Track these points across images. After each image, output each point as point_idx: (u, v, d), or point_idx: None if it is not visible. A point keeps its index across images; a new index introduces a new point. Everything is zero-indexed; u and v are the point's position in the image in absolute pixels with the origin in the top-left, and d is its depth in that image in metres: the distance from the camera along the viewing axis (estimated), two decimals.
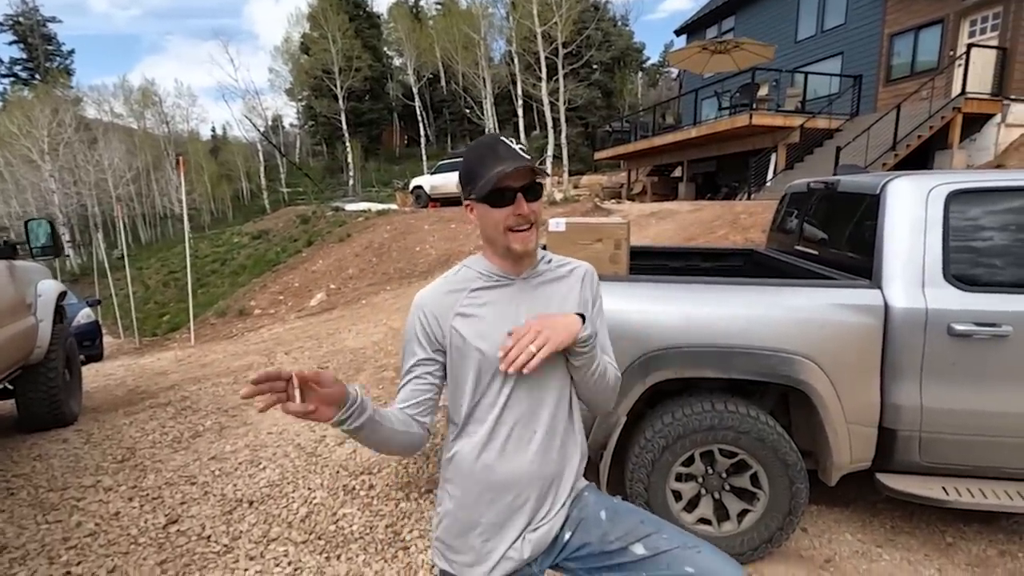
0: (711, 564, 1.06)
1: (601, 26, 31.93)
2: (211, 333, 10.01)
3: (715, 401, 2.09)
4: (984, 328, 1.96)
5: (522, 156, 1.08)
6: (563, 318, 1.07)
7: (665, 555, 1.08)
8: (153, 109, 45.13)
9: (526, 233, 1.10)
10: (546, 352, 1.01)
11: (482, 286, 1.16)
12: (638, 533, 1.12)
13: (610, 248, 2.55)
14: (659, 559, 1.08)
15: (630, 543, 1.11)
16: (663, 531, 1.13)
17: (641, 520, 1.15)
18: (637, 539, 1.11)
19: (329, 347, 5.95)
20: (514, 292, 1.16)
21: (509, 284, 1.17)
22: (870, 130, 10.31)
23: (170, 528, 2.46)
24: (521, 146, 1.11)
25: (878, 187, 2.19)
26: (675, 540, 1.10)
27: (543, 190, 1.14)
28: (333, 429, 3.53)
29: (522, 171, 1.08)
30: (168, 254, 23.25)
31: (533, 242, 1.12)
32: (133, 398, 4.68)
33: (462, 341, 1.12)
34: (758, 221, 8.13)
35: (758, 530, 2.11)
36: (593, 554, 1.14)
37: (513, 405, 1.12)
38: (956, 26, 11.82)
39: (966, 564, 2.17)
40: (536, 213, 1.11)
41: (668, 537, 1.11)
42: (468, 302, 1.15)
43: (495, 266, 1.18)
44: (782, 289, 2.12)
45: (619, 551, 1.11)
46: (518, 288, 1.17)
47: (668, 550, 1.09)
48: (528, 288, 1.17)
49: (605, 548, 1.13)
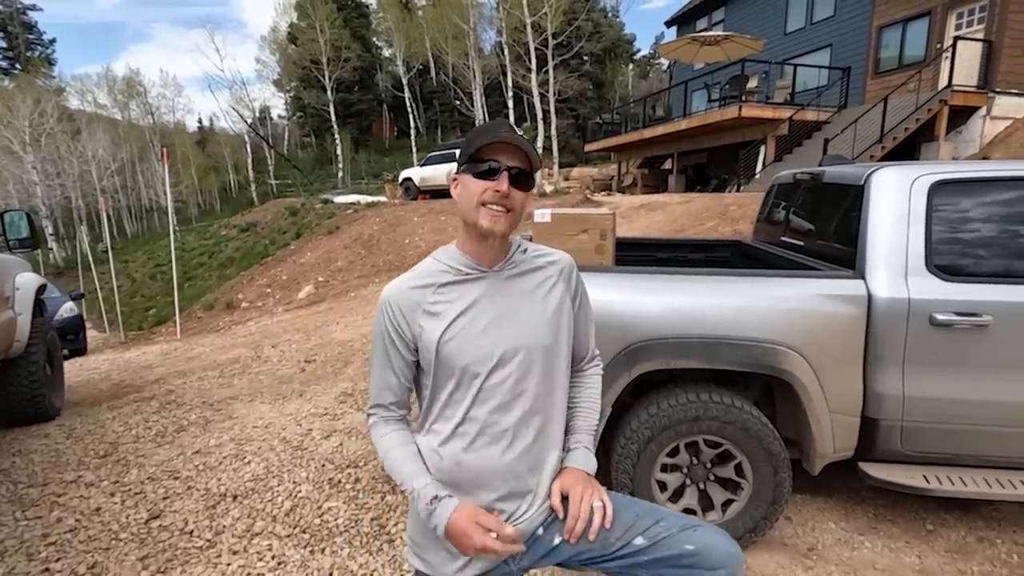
0: (709, 540, 1.08)
1: (591, 17, 31.74)
2: (198, 326, 9.91)
3: (700, 392, 2.09)
4: (965, 318, 1.97)
5: (521, 139, 1.06)
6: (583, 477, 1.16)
7: (665, 540, 1.09)
8: (138, 100, 44.40)
9: (499, 214, 1.06)
10: (606, 498, 1.14)
11: (451, 280, 1.12)
12: (637, 528, 1.12)
13: (595, 239, 2.54)
14: (659, 544, 1.09)
15: (631, 539, 1.11)
16: (662, 519, 1.13)
17: (638, 515, 1.14)
18: (638, 533, 1.11)
19: (317, 340, 5.91)
20: (486, 286, 1.12)
21: (481, 277, 1.13)
22: (858, 122, 10.38)
23: (152, 523, 2.43)
24: (525, 137, 1.09)
25: (862, 178, 2.19)
26: (674, 524, 1.11)
27: (533, 182, 1.10)
28: (319, 423, 3.50)
29: (513, 150, 1.05)
30: (154, 247, 22.94)
31: (503, 225, 1.06)
32: (117, 392, 4.62)
33: (430, 342, 1.09)
34: (747, 213, 8.16)
35: (743, 519, 2.12)
36: (594, 557, 1.14)
37: (485, 401, 1.10)
38: (943, 18, 11.89)
39: (945, 551, 2.20)
40: (518, 201, 1.07)
41: (667, 523, 1.11)
42: (436, 299, 1.11)
43: (466, 256, 1.13)
44: (767, 280, 2.12)
45: (620, 547, 1.12)
46: (490, 282, 1.13)
47: (668, 535, 1.09)
48: (500, 281, 1.13)
49: (607, 551, 1.12)
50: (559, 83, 23.35)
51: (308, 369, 4.82)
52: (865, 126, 10.40)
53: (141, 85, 44.49)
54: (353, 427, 3.39)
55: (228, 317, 10.04)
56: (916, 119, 10.40)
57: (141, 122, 44.40)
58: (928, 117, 10.47)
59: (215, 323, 9.74)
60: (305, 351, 5.46)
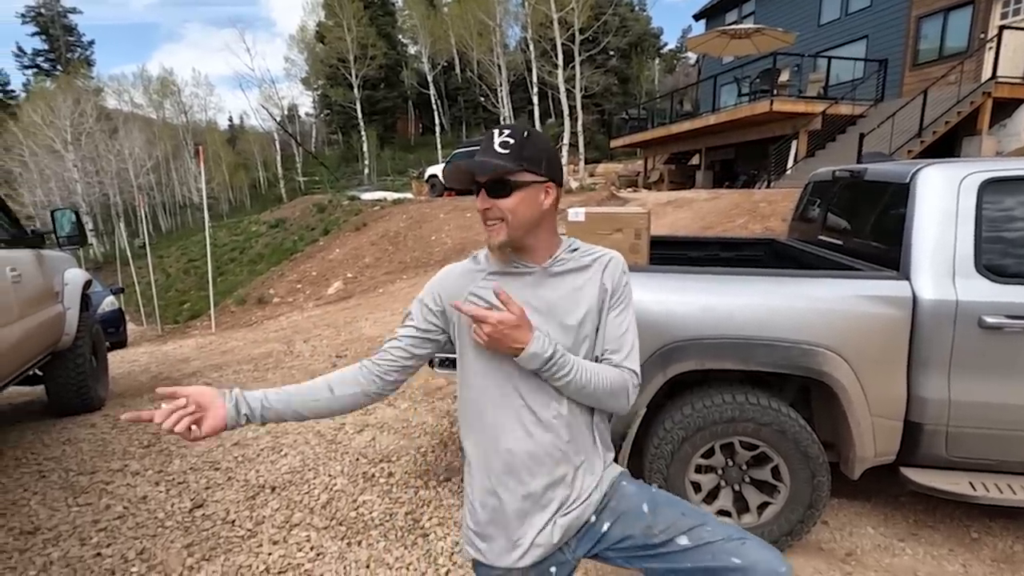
0: (757, 555, 1.06)
1: (618, 11, 31.39)
2: (231, 320, 10.17)
3: (735, 393, 2.07)
4: (1017, 321, 1.91)
5: (492, 151, 1.06)
6: (519, 331, 1.05)
7: (710, 546, 1.08)
8: (172, 99, 45.64)
9: (492, 227, 1.10)
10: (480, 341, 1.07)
11: (500, 270, 1.17)
12: (682, 526, 1.12)
13: (630, 238, 2.52)
14: (704, 549, 1.08)
15: (674, 535, 1.11)
16: (707, 523, 1.12)
17: (683, 512, 1.15)
18: (681, 532, 1.11)
19: (347, 335, 6.01)
20: (530, 281, 1.15)
21: (528, 273, 1.16)
22: (895, 116, 10.03)
23: (196, 512, 2.52)
24: (506, 140, 1.07)
25: (908, 176, 2.13)
26: (719, 532, 1.10)
27: (513, 185, 1.07)
28: (351, 417, 3.55)
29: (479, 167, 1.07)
30: (188, 242, 23.60)
31: (499, 237, 1.10)
32: (157, 384, 4.78)
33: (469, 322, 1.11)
34: (778, 210, 7.99)
35: (778, 523, 2.10)
36: (636, 546, 1.14)
37: (526, 392, 1.12)
38: (988, 7, 11.42)
39: (991, 560, 2.14)
40: (505, 210, 1.08)
41: (712, 529, 1.10)
42: (484, 284, 1.16)
43: (515, 254, 1.16)
44: (805, 280, 2.08)
45: (664, 543, 1.12)
46: (536, 278, 1.15)
47: (713, 541, 1.08)
48: (545, 277, 1.16)
49: (649, 541, 1.13)
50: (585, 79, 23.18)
51: (339, 364, 4.91)
52: (903, 120, 10.06)
53: (175, 84, 45.77)
54: (385, 422, 3.45)
55: (260, 312, 10.27)
56: (958, 112, 10.01)
57: (175, 121, 45.67)
58: (970, 110, 10.07)
59: (247, 318, 9.97)
60: (336, 346, 5.56)
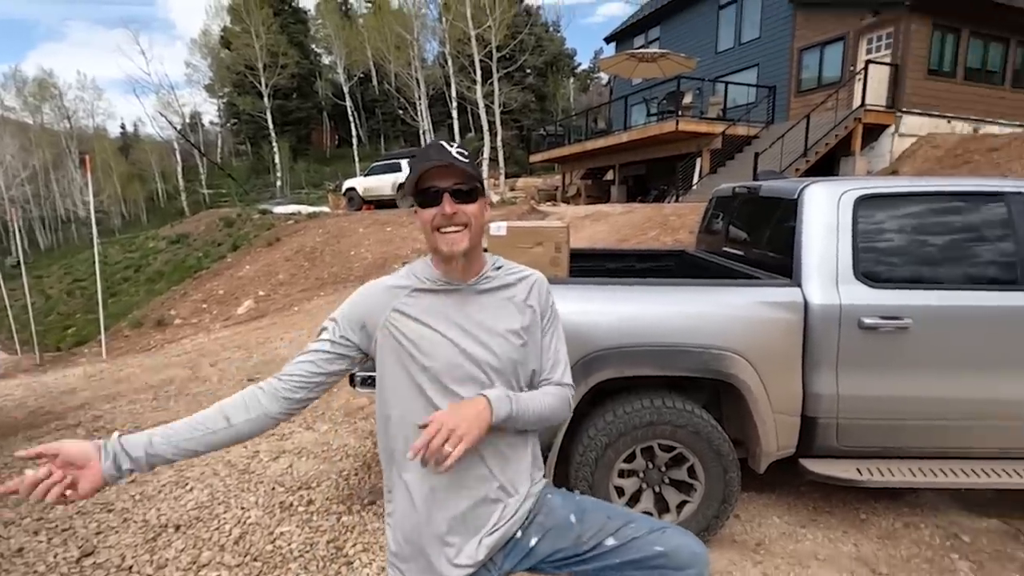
0: (678, 541, 1.14)
1: (534, 31, 32.36)
2: (125, 346, 9.27)
3: (653, 398, 2.17)
4: (888, 321, 2.15)
5: (455, 158, 1.05)
6: (472, 409, 1.02)
7: (636, 541, 1.14)
8: (52, 102, 41.33)
9: (454, 235, 1.08)
10: (460, 451, 0.97)
11: (424, 287, 1.15)
12: (609, 528, 1.16)
13: (551, 251, 2.59)
14: (630, 545, 1.13)
15: (603, 539, 1.15)
16: (632, 521, 1.17)
17: (608, 516, 1.19)
18: (609, 534, 1.15)
19: (260, 356, 5.67)
20: (457, 299, 1.15)
21: (455, 290, 1.15)
22: (784, 137, 11.06)
23: (84, 561, 2.25)
24: (460, 150, 1.08)
25: (796, 192, 2.35)
26: (643, 527, 1.16)
27: (479, 192, 1.10)
28: (266, 444, 3.35)
29: (446, 170, 1.06)
30: (72, 260, 21.34)
31: (462, 245, 1.08)
32: (36, 420, 4.25)
33: (396, 341, 1.10)
34: (686, 222, 8.51)
35: (696, 519, 2.21)
36: (567, 556, 1.17)
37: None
38: (856, 43, 12.91)
39: (877, 537, 2.37)
40: (470, 215, 1.08)
41: (636, 525, 1.16)
42: (409, 301, 1.13)
43: (438, 272, 1.16)
44: (713, 288, 2.23)
45: (593, 547, 1.15)
46: (462, 295, 1.15)
47: (638, 536, 1.14)
48: (471, 295, 1.16)
49: (579, 550, 1.16)
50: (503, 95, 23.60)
51: None
52: (791, 141, 11.11)
53: (55, 87, 41.51)
54: (303, 446, 3.28)
55: (159, 335, 9.45)
56: (835, 135, 11.21)
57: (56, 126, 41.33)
58: (845, 134, 11.31)
59: (145, 342, 9.14)
60: (248, 369, 5.22)
